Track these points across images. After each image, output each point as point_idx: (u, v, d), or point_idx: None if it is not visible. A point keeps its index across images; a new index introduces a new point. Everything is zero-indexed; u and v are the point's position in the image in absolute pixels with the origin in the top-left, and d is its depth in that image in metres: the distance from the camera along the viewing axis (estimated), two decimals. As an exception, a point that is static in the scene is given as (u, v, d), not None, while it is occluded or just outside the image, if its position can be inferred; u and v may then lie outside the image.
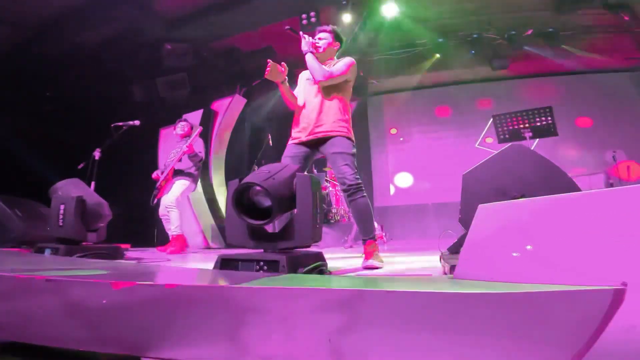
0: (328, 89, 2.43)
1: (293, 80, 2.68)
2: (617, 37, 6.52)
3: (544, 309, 0.66)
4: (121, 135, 4.61)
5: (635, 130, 6.99)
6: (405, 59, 7.45)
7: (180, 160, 4.49)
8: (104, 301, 0.90)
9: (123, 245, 5.43)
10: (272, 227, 1.73)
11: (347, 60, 2.49)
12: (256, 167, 6.51)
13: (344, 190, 2.30)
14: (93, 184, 4.21)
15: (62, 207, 2.56)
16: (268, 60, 2.36)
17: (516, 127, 3.76)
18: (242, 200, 1.54)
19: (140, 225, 6.30)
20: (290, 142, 2.51)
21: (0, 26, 5.55)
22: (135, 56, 6.61)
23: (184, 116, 5.44)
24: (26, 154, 6.02)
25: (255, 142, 7.67)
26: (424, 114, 8.38)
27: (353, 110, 8.37)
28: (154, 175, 4.66)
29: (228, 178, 6.73)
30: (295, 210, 1.57)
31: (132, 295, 0.89)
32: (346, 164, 2.30)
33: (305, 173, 1.68)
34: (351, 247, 5.07)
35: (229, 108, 7.20)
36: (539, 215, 1.02)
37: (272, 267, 1.50)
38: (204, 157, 4.82)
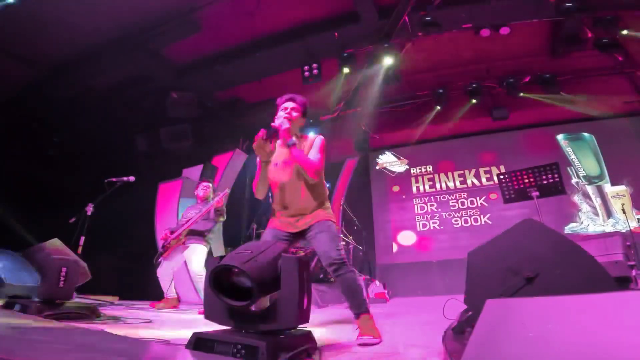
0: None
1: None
2: (613, 80, 6.54)
3: None
4: (117, 190, 4.52)
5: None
6: (406, 112, 7.50)
7: (201, 217, 4.30)
8: None
9: (109, 298, 5.18)
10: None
11: (319, 142, 2.31)
12: (255, 226, 6.34)
13: (329, 266, 2.13)
14: (82, 238, 4.09)
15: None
16: (263, 130, 2.13)
17: (522, 186, 3.61)
18: (220, 281, 1.39)
19: (132, 278, 6.06)
20: (276, 221, 2.32)
21: (15, 63, 5.53)
22: (142, 103, 6.69)
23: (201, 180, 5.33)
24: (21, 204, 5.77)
25: (256, 200, 7.52)
26: (427, 169, 8.29)
27: (355, 167, 8.37)
28: (161, 236, 4.49)
29: (225, 236, 6.52)
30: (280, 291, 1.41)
31: None
32: (330, 240, 2.17)
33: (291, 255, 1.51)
34: (350, 306, 4.82)
35: (230, 163, 7.06)
36: (556, 314, 0.88)
37: (251, 352, 1.35)
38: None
